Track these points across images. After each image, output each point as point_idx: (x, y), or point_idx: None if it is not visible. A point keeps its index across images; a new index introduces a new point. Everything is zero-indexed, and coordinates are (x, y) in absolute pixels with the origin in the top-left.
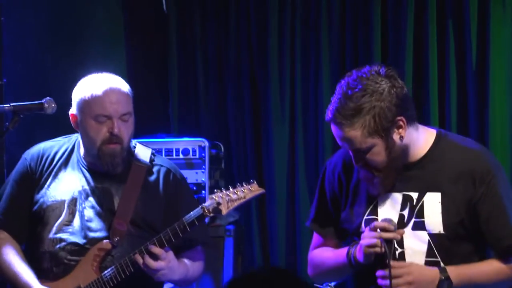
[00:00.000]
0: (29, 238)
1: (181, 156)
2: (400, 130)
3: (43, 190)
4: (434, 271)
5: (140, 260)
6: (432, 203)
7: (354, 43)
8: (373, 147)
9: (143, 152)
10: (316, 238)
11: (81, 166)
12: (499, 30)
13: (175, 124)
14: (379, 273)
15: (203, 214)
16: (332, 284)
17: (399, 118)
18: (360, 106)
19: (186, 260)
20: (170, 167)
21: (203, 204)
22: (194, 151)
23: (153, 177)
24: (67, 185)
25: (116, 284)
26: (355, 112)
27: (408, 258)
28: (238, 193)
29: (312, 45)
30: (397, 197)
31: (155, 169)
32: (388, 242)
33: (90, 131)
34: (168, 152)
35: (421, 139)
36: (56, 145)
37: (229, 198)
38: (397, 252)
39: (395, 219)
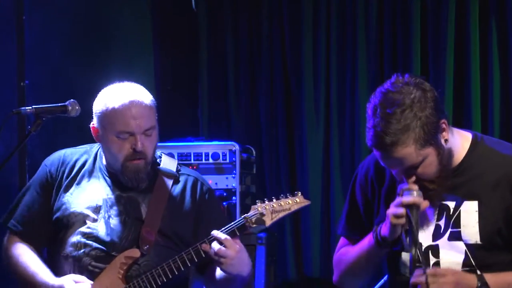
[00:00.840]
0: (51, 244)
1: (210, 160)
2: (444, 133)
3: (65, 197)
4: (471, 277)
5: (207, 247)
6: (469, 212)
7: (393, 42)
8: (426, 158)
9: (169, 162)
10: (342, 241)
11: (104, 175)
12: None
13: (205, 127)
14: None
15: (245, 224)
16: None
17: (442, 121)
18: (406, 122)
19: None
20: (197, 177)
21: (246, 214)
22: (224, 155)
23: (180, 187)
24: (91, 194)
25: None
26: (403, 129)
27: (443, 267)
28: (283, 204)
29: (348, 45)
30: (433, 206)
31: (181, 178)
32: (412, 210)
33: (112, 147)
34: (197, 156)
35: (457, 144)
36: (77, 153)
37: (273, 209)
38: (431, 262)
39: (431, 229)
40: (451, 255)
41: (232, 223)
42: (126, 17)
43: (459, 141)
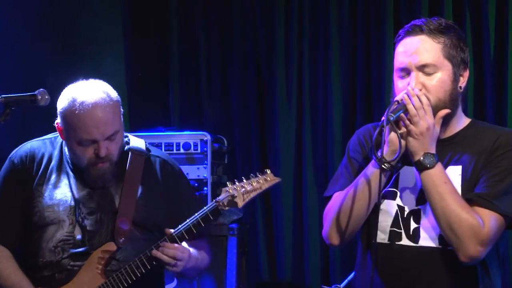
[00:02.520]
0: (26, 247)
1: (181, 150)
2: (463, 79)
3: (36, 198)
4: (432, 148)
5: (159, 253)
6: (453, 176)
7: (366, 30)
8: (441, 71)
9: (137, 143)
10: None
11: (72, 171)
12: None
13: (176, 116)
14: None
15: (218, 208)
16: (341, 285)
17: (467, 67)
18: (448, 27)
19: (193, 250)
20: (167, 158)
21: (218, 197)
22: (195, 145)
23: (151, 169)
24: (62, 194)
25: (126, 287)
26: (443, 29)
27: (422, 234)
28: (254, 183)
29: (321, 34)
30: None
31: (152, 160)
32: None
33: (75, 151)
34: (168, 146)
35: (459, 120)
36: (43, 146)
37: (244, 190)
38: (412, 228)
39: (416, 193)
40: (432, 221)
41: (205, 207)
42: (96, 4)
43: (462, 118)
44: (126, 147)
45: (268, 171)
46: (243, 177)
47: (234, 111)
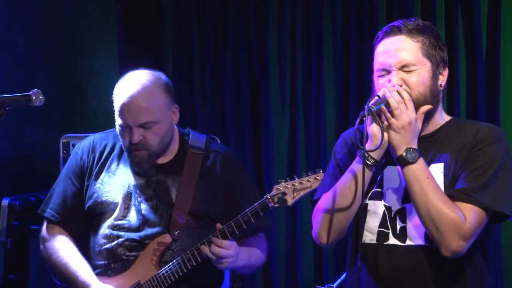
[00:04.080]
0: (85, 234)
1: None
2: (443, 77)
3: (97, 184)
4: (414, 143)
5: (207, 249)
6: (435, 174)
7: (359, 29)
8: (420, 68)
9: (197, 139)
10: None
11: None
12: (510, 17)
13: None
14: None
15: (268, 204)
16: (334, 285)
17: (446, 64)
18: (425, 27)
19: (247, 248)
20: (227, 153)
21: (269, 194)
22: None
23: (210, 165)
24: (121, 179)
25: (178, 278)
26: (420, 29)
27: (409, 232)
28: (304, 182)
29: (314, 33)
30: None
31: (211, 156)
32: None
33: (119, 134)
34: None
35: (440, 117)
36: (106, 137)
37: (294, 188)
38: (398, 227)
39: (401, 192)
40: (418, 219)
41: (255, 203)
42: (90, 5)
43: (443, 116)
44: (186, 146)
45: (320, 171)
46: (295, 175)
47: (227, 112)
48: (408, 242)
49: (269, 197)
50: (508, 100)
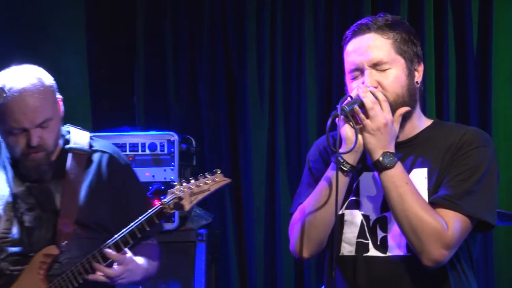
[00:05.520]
0: None
1: (147, 151)
2: (418, 74)
3: None
4: (391, 146)
5: (94, 270)
6: (418, 179)
7: (342, 26)
8: (394, 67)
9: (79, 137)
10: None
11: (10, 164)
12: (502, 11)
13: (141, 115)
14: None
15: (163, 211)
16: None
17: (420, 60)
18: (395, 23)
19: (142, 258)
20: (113, 153)
21: (163, 199)
22: (162, 146)
23: (94, 166)
24: (0, 189)
25: None
26: (390, 25)
27: (391, 242)
28: (201, 185)
29: (294, 28)
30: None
31: (95, 156)
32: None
33: (8, 141)
34: (133, 147)
35: (419, 120)
36: None
37: (191, 191)
38: (379, 237)
39: (379, 200)
40: (398, 228)
41: (150, 210)
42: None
43: (422, 119)
44: (67, 146)
45: (218, 171)
46: (191, 178)
47: (202, 110)
48: (389, 253)
49: (164, 202)
50: (499, 98)
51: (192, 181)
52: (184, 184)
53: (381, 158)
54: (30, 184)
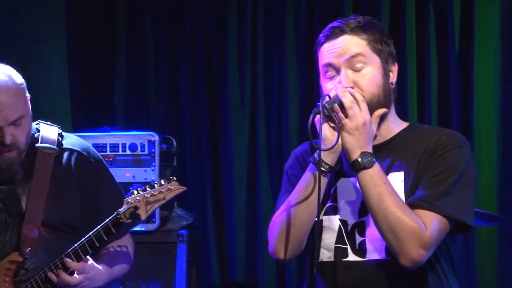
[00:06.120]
0: None
1: (128, 152)
2: (393, 74)
3: None
4: (369, 146)
5: (55, 278)
6: (395, 183)
7: (324, 27)
8: (369, 65)
9: (48, 134)
10: None
11: None
12: (485, 13)
13: (121, 116)
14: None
15: (120, 220)
16: None
17: (395, 60)
18: (367, 24)
19: (107, 263)
20: (83, 150)
21: (119, 209)
22: (142, 146)
23: (63, 165)
24: None
25: None
26: (363, 26)
27: (369, 247)
28: (156, 193)
29: (276, 29)
30: (357, 181)
31: (65, 155)
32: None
33: None
34: (114, 147)
35: (394, 122)
36: None
37: (147, 201)
38: (357, 242)
39: (357, 205)
40: (378, 233)
41: (106, 220)
42: None
43: (398, 122)
44: (36, 145)
45: (174, 179)
46: (146, 186)
47: (183, 109)
48: (368, 257)
49: (120, 212)
50: (481, 99)
51: (148, 189)
52: (140, 192)
53: (359, 158)
54: None
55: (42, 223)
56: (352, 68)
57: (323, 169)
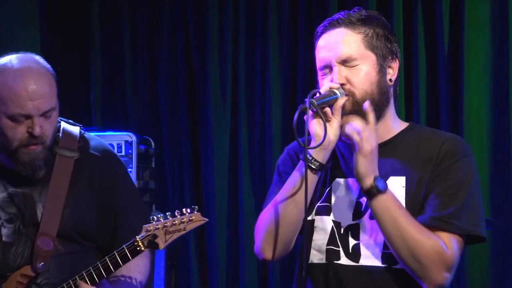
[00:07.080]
0: None
1: None
2: (392, 71)
3: None
4: (377, 171)
5: None
6: (396, 188)
7: (308, 21)
8: (364, 63)
9: (69, 135)
10: None
11: None
12: (475, 8)
13: (98, 115)
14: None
15: (137, 248)
16: None
17: (394, 56)
18: (369, 17)
19: (123, 278)
20: (104, 156)
21: (138, 236)
22: (119, 147)
23: (83, 171)
24: None
25: None
26: (363, 19)
27: (363, 251)
28: (177, 223)
29: (258, 25)
30: (353, 183)
31: (85, 159)
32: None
33: (6, 130)
34: None
35: (393, 121)
36: None
37: (167, 230)
38: (351, 245)
39: (351, 207)
40: (372, 236)
41: (124, 245)
42: None
43: (397, 122)
44: (55, 148)
45: (195, 210)
46: (168, 214)
47: (162, 109)
48: (362, 262)
49: (138, 239)
50: (471, 98)
51: (169, 218)
52: (161, 220)
53: (375, 183)
54: (13, 191)
55: (57, 234)
56: (345, 64)
57: (313, 166)
